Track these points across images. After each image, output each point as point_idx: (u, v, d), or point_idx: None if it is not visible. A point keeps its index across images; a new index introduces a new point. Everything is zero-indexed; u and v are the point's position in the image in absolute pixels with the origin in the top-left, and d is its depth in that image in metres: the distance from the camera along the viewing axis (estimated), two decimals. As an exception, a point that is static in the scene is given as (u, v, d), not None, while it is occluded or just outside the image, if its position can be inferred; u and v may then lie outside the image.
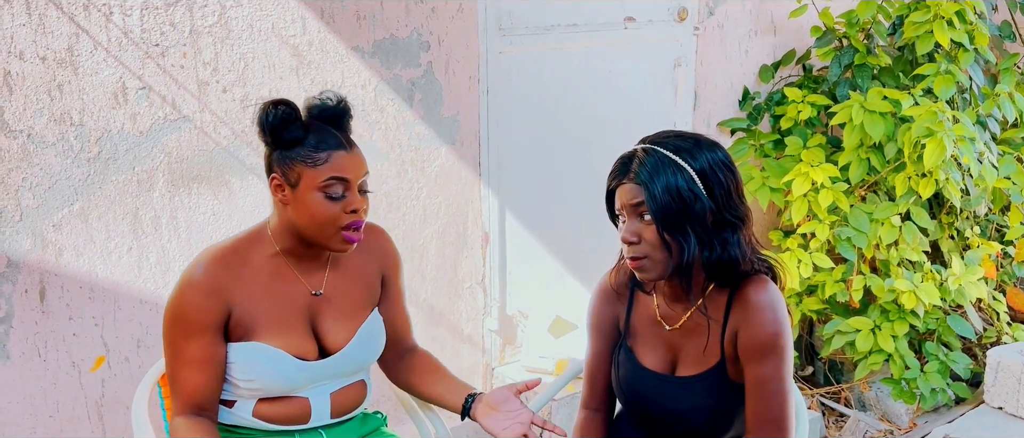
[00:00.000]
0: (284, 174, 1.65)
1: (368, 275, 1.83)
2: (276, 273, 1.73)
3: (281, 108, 1.64)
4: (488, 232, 3.04)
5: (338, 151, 1.64)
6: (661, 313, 1.72)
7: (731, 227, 1.61)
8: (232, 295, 1.67)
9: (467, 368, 3.10)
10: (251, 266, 1.71)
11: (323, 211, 1.64)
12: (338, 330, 1.76)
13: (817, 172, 3.12)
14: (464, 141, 2.91)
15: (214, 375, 1.67)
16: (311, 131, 1.65)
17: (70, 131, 2.26)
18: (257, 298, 1.70)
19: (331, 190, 1.63)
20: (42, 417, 2.36)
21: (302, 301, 1.74)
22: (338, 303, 1.77)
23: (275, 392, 1.73)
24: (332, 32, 2.59)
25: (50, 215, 2.27)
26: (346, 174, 1.64)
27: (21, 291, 2.28)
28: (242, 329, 1.69)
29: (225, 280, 1.67)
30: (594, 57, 3.17)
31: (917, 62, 3.35)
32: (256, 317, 1.69)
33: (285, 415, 1.74)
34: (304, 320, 1.74)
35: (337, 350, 1.76)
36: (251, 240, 1.75)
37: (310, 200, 1.64)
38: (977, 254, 3.32)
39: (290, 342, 1.70)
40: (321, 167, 1.63)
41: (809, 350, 3.58)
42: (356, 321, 1.79)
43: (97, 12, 2.24)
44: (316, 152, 1.63)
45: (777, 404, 1.61)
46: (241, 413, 1.74)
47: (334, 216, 1.64)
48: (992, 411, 3.17)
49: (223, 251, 1.71)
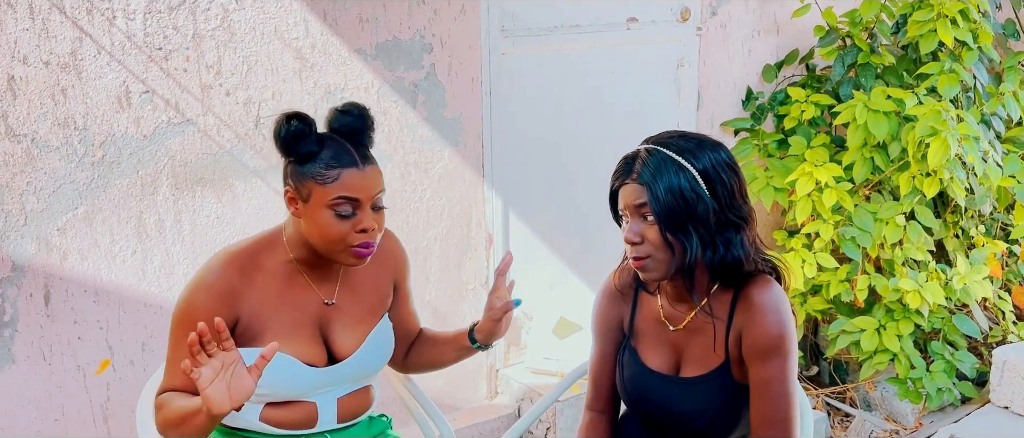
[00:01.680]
0: (296, 188, 1.64)
1: (380, 282, 1.83)
2: (289, 280, 1.72)
3: (294, 123, 1.61)
4: (492, 234, 3.04)
5: (349, 169, 1.62)
6: (665, 314, 1.72)
7: (734, 227, 1.61)
8: (242, 301, 1.67)
9: (472, 369, 3.10)
10: (264, 271, 1.70)
11: (333, 229, 1.63)
12: (347, 337, 1.76)
13: (821, 172, 3.11)
14: (467, 143, 2.91)
15: None
16: (326, 146, 1.63)
17: (74, 135, 2.27)
18: (268, 304, 1.69)
19: (340, 209, 1.62)
20: (47, 421, 2.36)
21: (313, 309, 1.74)
22: (349, 311, 1.78)
23: (282, 397, 1.73)
24: (335, 34, 2.59)
25: (54, 219, 2.28)
26: (356, 194, 1.62)
27: (26, 295, 2.28)
28: (251, 334, 1.69)
29: (237, 285, 1.67)
30: (597, 58, 3.17)
31: (921, 61, 3.34)
32: (266, 323, 1.69)
33: (292, 419, 1.74)
34: (314, 327, 1.74)
35: (346, 357, 1.76)
36: (266, 245, 1.74)
37: (320, 217, 1.62)
38: (982, 253, 3.31)
39: (299, 349, 1.70)
40: (330, 185, 1.61)
41: (814, 350, 3.57)
42: (366, 328, 1.79)
43: (100, 16, 2.25)
44: (327, 170, 1.61)
45: (781, 405, 1.60)
46: (248, 417, 1.73)
47: (343, 234, 1.63)
48: (998, 410, 3.16)
49: (238, 255, 1.70)
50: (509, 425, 2.99)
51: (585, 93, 3.17)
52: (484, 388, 3.15)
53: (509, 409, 3.10)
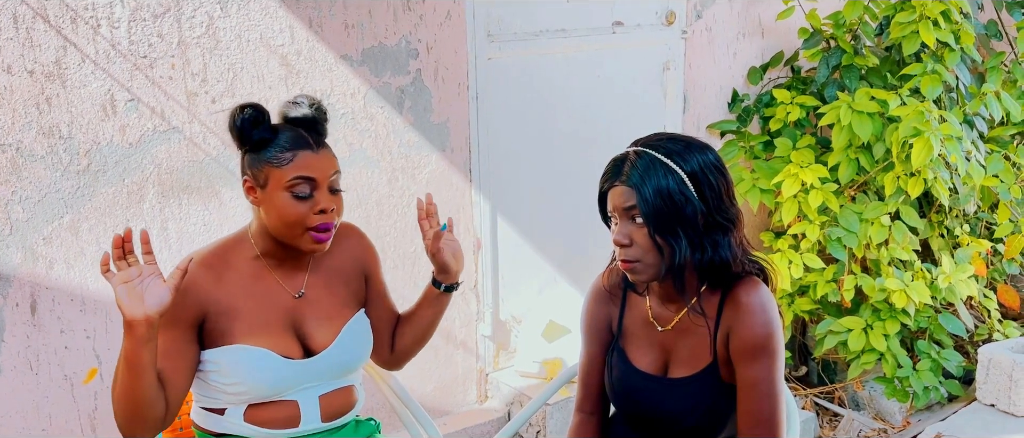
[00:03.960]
0: (254, 176, 1.68)
1: (349, 274, 1.85)
2: (257, 276, 1.75)
3: (248, 110, 1.66)
4: (480, 238, 3.04)
5: (304, 151, 1.66)
6: (654, 314, 1.73)
7: (722, 229, 1.62)
8: (208, 297, 1.69)
9: (461, 374, 3.10)
10: (232, 269, 1.73)
11: (291, 211, 1.66)
12: (322, 330, 1.78)
13: (807, 173, 3.13)
14: (454, 147, 2.91)
15: (177, 368, 1.67)
16: (280, 132, 1.68)
17: (59, 144, 2.26)
18: (237, 300, 1.71)
19: (298, 189, 1.66)
20: (35, 431, 2.35)
21: (284, 304, 1.76)
22: (320, 304, 1.79)
23: (262, 395, 1.73)
24: (321, 41, 2.59)
25: (40, 228, 2.27)
26: (312, 173, 1.66)
27: (12, 305, 2.27)
28: (219, 332, 1.70)
29: (203, 281, 1.69)
30: (583, 62, 3.18)
31: (904, 62, 3.37)
32: (235, 319, 1.71)
33: (274, 419, 1.75)
34: (286, 322, 1.75)
35: (322, 349, 1.77)
36: (233, 244, 1.77)
37: (278, 200, 1.66)
38: (967, 252, 3.34)
39: (272, 341, 1.72)
40: (286, 167, 1.65)
41: (802, 350, 3.59)
42: (340, 320, 1.80)
43: (85, 25, 2.24)
44: (282, 152, 1.65)
45: (768, 405, 1.61)
46: (232, 419, 1.74)
47: (302, 216, 1.67)
48: (984, 408, 3.18)
49: (207, 255, 1.74)
50: (499, 429, 2.99)
51: (572, 97, 3.18)
52: (474, 392, 3.15)
53: (499, 413, 3.10)
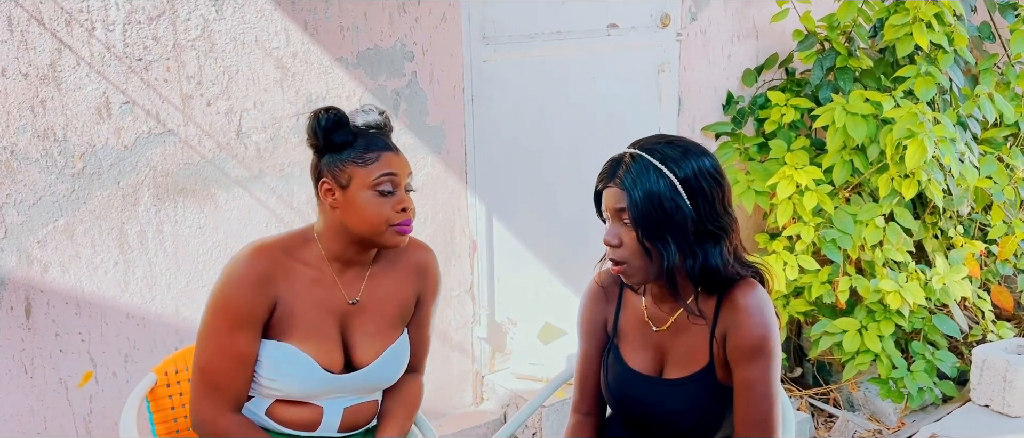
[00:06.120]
0: (334, 177, 1.71)
1: (405, 291, 1.86)
2: (318, 277, 1.76)
3: (332, 113, 1.71)
4: (476, 240, 3.04)
5: (387, 152, 1.73)
6: (649, 314, 1.73)
7: (713, 238, 1.61)
8: (279, 288, 1.72)
9: (457, 376, 3.10)
10: (299, 262, 1.75)
11: (375, 209, 1.70)
12: (366, 345, 1.79)
13: (801, 175, 3.14)
14: (450, 150, 2.91)
15: (252, 372, 1.72)
16: (358, 135, 1.73)
17: (54, 147, 2.25)
18: (298, 297, 1.74)
19: (382, 186, 1.70)
20: (30, 435, 2.34)
21: (338, 309, 1.77)
22: (371, 316, 1.80)
23: (294, 396, 1.75)
24: (316, 43, 2.59)
25: (35, 231, 2.26)
26: (396, 170, 1.72)
27: (7, 308, 2.26)
28: (280, 327, 1.72)
29: (273, 272, 1.71)
30: (578, 64, 3.19)
31: (898, 64, 3.38)
32: (293, 318, 1.73)
33: (295, 420, 1.77)
34: (336, 329, 1.77)
35: (363, 366, 1.78)
36: (299, 240, 1.79)
37: (362, 199, 1.70)
38: (961, 253, 3.35)
39: (321, 351, 1.74)
40: (372, 166, 1.70)
41: (797, 352, 3.60)
42: (385, 341, 1.81)
43: (79, 27, 2.24)
44: (366, 152, 1.71)
45: (764, 406, 1.61)
46: (255, 409, 1.77)
47: (386, 214, 1.71)
48: (978, 409, 3.19)
49: (269, 246, 1.75)
50: (495, 431, 2.99)
51: (567, 99, 3.19)
52: (470, 395, 3.15)
53: (495, 415, 3.10)
